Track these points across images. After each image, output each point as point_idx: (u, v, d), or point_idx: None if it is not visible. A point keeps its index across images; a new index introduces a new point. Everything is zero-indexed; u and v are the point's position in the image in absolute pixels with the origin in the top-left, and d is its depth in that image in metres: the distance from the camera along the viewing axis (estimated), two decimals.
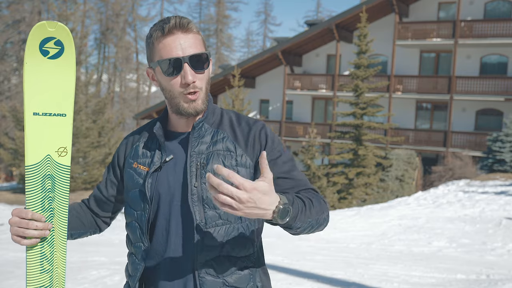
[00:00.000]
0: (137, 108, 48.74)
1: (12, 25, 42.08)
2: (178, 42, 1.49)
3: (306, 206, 1.41)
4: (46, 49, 1.48)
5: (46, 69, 1.49)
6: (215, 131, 1.58)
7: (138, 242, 1.58)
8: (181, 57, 1.48)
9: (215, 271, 1.51)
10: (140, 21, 52.36)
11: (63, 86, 1.52)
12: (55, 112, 1.52)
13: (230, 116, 1.64)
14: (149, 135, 1.65)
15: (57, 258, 1.55)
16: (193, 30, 1.52)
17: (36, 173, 1.50)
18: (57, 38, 1.48)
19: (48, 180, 1.51)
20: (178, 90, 1.51)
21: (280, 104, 28.53)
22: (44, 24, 1.45)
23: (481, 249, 7.84)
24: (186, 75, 1.48)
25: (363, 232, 9.29)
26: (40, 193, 1.50)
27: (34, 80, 1.49)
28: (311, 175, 18.75)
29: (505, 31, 22.35)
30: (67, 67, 1.51)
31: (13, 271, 6.15)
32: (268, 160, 1.52)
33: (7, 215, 14.01)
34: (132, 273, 1.60)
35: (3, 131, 33.23)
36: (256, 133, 1.58)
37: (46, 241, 1.52)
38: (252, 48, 61.87)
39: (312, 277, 5.81)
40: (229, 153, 1.55)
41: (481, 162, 20.29)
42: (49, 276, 1.54)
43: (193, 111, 1.53)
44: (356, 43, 20.76)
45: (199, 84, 1.52)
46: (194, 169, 1.52)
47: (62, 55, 1.50)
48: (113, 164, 1.71)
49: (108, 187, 1.72)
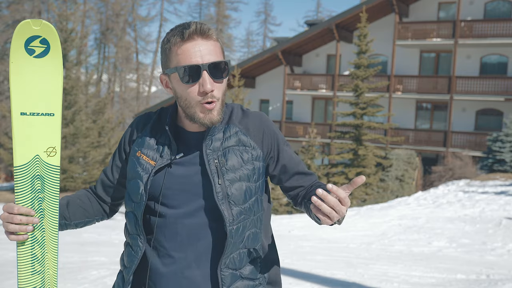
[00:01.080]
0: (137, 108, 48.74)
1: (12, 25, 42.06)
2: (198, 49, 1.44)
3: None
4: (31, 47, 1.45)
5: (32, 68, 1.47)
6: (225, 127, 1.57)
7: (134, 233, 1.57)
8: (200, 64, 1.43)
9: (235, 265, 1.52)
10: (140, 21, 52.38)
11: (50, 85, 1.49)
12: (43, 112, 1.49)
13: (237, 109, 1.63)
14: (158, 126, 1.61)
15: (48, 259, 1.52)
16: (213, 37, 1.48)
17: (25, 174, 1.48)
18: (43, 37, 1.45)
19: (38, 181, 1.49)
20: (196, 98, 1.47)
21: (280, 104, 28.53)
22: (29, 22, 1.42)
23: (481, 249, 7.84)
24: (205, 83, 1.44)
25: (363, 232, 9.29)
26: (30, 194, 1.48)
27: (21, 79, 1.47)
28: None
29: (505, 31, 22.35)
30: (54, 66, 1.49)
31: (13, 271, 6.14)
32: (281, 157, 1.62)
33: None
34: (127, 265, 1.58)
35: (3, 131, 33.22)
36: (265, 126, 1.61)
37: (36, 242, 1.50)
38: (252, 48, 61.90)
39: (312, 277, 5.81)
40: (244, 147, 1.55)
41: (481, 162, 20.29)
42: (41, 277, 1.52)
43: (208, 122, 1.49)
44: (356, 43, 20.76)
45: (217, 94, 1.48)
46: (213, 166, 1.51)
47: (48, 54, 1.47)
48: (119, 148, 1.68)
49: (114, 172, 1.68)
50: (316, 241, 8.48)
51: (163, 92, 58.52)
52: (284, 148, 1.63)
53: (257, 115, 1.62)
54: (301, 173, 1.65)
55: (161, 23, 54.51)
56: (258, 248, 1.57)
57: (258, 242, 1.57)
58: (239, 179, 1.51)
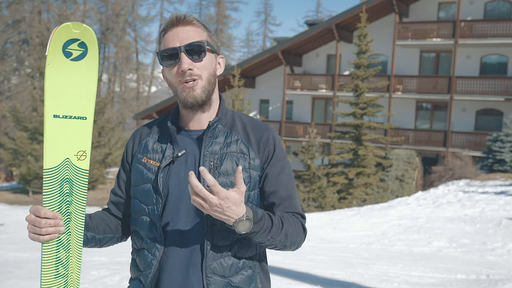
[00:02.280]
0: (137, 108, 48.73)
1: (12, 25, 42.07)
2: (177, 35, 1.54)
3: (273, 228, 1.48)
4: (69, 50, 1.45)
5: (68, 71, 1.46)
6: (228, 132, 1.59)
7: (151, 237, 1.56)
8: (177, 47, 1.52)
9: (222, 271, 1.52)
10: (140, 21, 52.37)
11: (84, 88, 1.49)
12: (75, 115, 1.48)
13: (242, 118, 1.65)
14: (159, 130, 1.65)
15: (72, 263, 1.52)
16: (191, 22, 1.56)
17: (54, 177, 1.47)
18: (81, 40, 1.45)
19: (66, 184, 1.48)
20: (176, 79, 1.54)
21: (280, 104, 28.52)
22: (69, 25, 1.42)
23: (481, 249, 7.83)
24: (181, 63, 1.51)
25: (363, 232, 9.29)
26: (58, 197, 1.47)
27: (56, 81, 1.46)
28: (311, 175, 18.75)
29: (505, 31, 22.34)
30: (90, 70, 1.48)
31: (13, 271, 6.14)
32: (269, 171, 1.58)
33: (7, 215, 14.01)
34: (144, 269, 1.57)
35: (3, 131, 33.23)
36: (267, 138, 1.60)
37: (62, 245, 1.49)
38: (252, 48, 61.89)
39: (312, 277, 5.81)
40: (242, 155, 1.56)
41: (481, 162, 20.29)
42: (64, 281, 1.51)
43: (192, 100, 1.54)
44: (356, 43, 20.75)
45: (197, 71, 1.54)
46: (207, 169, 1.52)
47: (85, 57, 1.47)
48: (122, 162, 1.70)
49: (122, 187, 1.70)
50: (316, 241, 8.47)
51: (163, 92, 58.53)
52: (276, 164, 1.59)
53: (263, 126, 1.63)
54: (282, 198, 1.58)
55: (161, 23, 54.49)
56: (252, 257, 1.57)
57: (250, 252, 1.57)
58: (229, 184, 1.52)
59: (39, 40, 28.64)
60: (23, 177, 26.94)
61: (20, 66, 41.67)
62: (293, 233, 1.54)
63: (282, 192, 1.59)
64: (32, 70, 31.56)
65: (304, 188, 18.48)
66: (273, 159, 1.59)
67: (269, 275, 1.67)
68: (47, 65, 1.44)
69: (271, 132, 1.62)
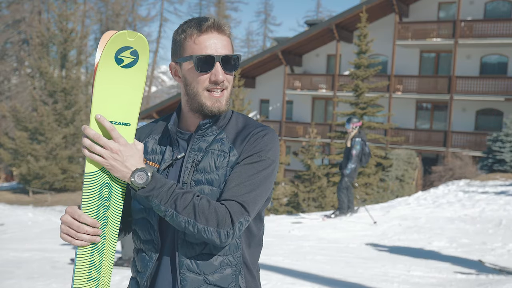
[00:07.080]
0: None
1: (12, 25, 42.08)
2: (213, 41, 1.54)
3: (178, 200, 1.42)
4: (121, 57, 1.47)
5: (117, 77, 1.48)
6: (218, 132, 1.59)
7: (148, 238, 1.58)
8: (215, 55, 1.52)
9: (197, 268, 1.51)
10: (140, 21, 52.38)
11: (131, 95, 1.51)
12: (120, 121, 1.50)
13: (239, 119, 1.63)
14: (159, 131, 1.66)
15: (105, 267, 1.53)
16: (227, 32, 1.58)
17: (95, 181, 1.49)
18: (134, 48, 1.47)
19: (106, 189, 1.51)
20: (206, 85, 1.53)
21: (280, 104, 28.53)
22: (125, 33, 1.45)
23: (481, 249, 7.83)
24: (218, 73, 1.52)
25: (363, 232, 9.29)
26: (97, 201, 1.49)
27: (104, 87, 1.48)
28: (311, 175, 18.75)
29: (505, 31, 22.35)
30: (138, 77, 1.51)
31: (13, 271, 6.15)
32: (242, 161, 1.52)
33: (7, 215, 14.00)
34: (141, 269, 1.60)
35: (3, 131, 33.21)
36: (252, 135, 1.55)
37: (96, 249, 1.51)
38: (252, 48, 61.88)
39: (312, 277, 5.81)
40: (222, 153, 1.54)
41: (481, 162, 20.28)
42: (96, 284, 1.52)
43: (216, 110, 1.54)
44: (356, 43, 20.75)
45: (226, 84, 1.56)
46: (189, 166, 1.55)
47: (136, 65, 1.49)
48: None
49: None
50: (316, 241, 8.47)
51: (163, 92, 58.53)
52: (249, 157, 1.52)
53: (256, 125, 1.59)
54: (228, 187, 1.49)
55: (161, 23, 54.53)
56: (233, 255, 1.55)
57: (230, 250, 1.54)
58: (204, 182, 1.52)
59: (39, 40, 28.64)
60: (23, 177, 26.92)
61: (20, 66, 41.67)
62: (204, 214, 1.42)
63: (233, 180, 1.49)
64: (32, 70, 31.55)
65: (304, 188, 18.48)
66: (246, 153, 1.53)
67: (257, 275, 1.65)
68: (98, 70, 1.46)
69: (260, 130, 1.56)
